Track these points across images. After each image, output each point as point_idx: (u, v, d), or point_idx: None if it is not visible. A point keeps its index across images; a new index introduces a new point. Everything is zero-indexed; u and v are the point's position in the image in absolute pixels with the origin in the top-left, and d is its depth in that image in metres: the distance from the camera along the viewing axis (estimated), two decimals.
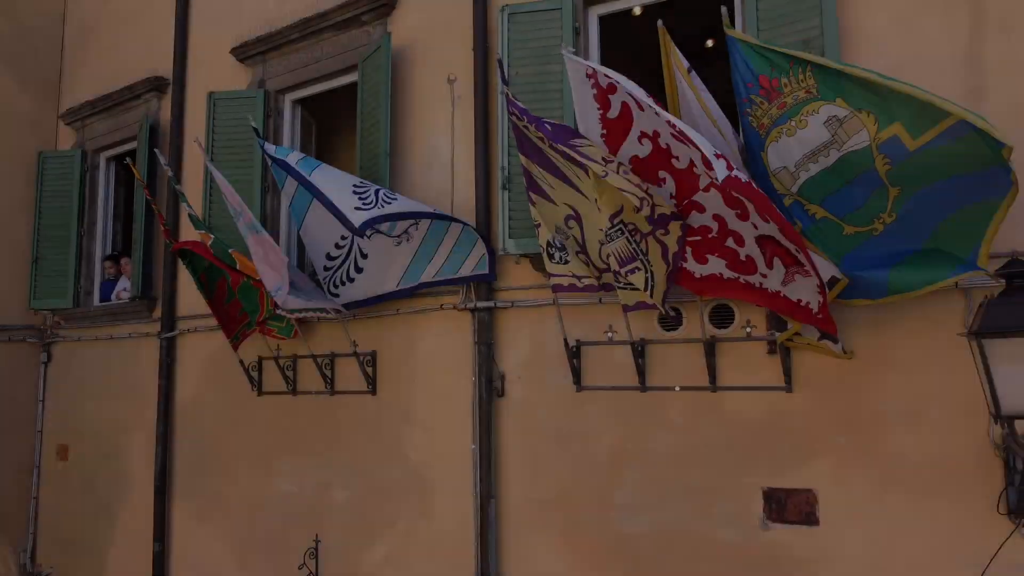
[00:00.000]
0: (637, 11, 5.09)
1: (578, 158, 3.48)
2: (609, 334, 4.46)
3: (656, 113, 3.30)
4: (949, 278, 3.28)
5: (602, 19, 4.89)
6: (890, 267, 3.33)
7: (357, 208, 4.16)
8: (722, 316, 4.21)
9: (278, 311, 5.06)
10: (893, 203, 3.28)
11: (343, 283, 5.04)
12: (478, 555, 4.73)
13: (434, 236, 4.70)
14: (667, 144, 3.39)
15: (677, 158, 3.41)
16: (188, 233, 6.14)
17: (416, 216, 4.53)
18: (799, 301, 3.58)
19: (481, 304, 4.83)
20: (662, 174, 3.52)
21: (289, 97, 6.23)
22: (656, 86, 3.73)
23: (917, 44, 3.87)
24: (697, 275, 3.87)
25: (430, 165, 5.23)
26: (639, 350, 4.36)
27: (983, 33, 3.75)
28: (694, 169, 3.42)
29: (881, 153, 3.22)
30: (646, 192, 3.48)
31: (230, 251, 4.85)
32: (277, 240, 5.77)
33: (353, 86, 5.66)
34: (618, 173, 3.49)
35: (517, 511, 4.73)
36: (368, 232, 4.31)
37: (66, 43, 8.20)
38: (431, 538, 5.03)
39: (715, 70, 4.34)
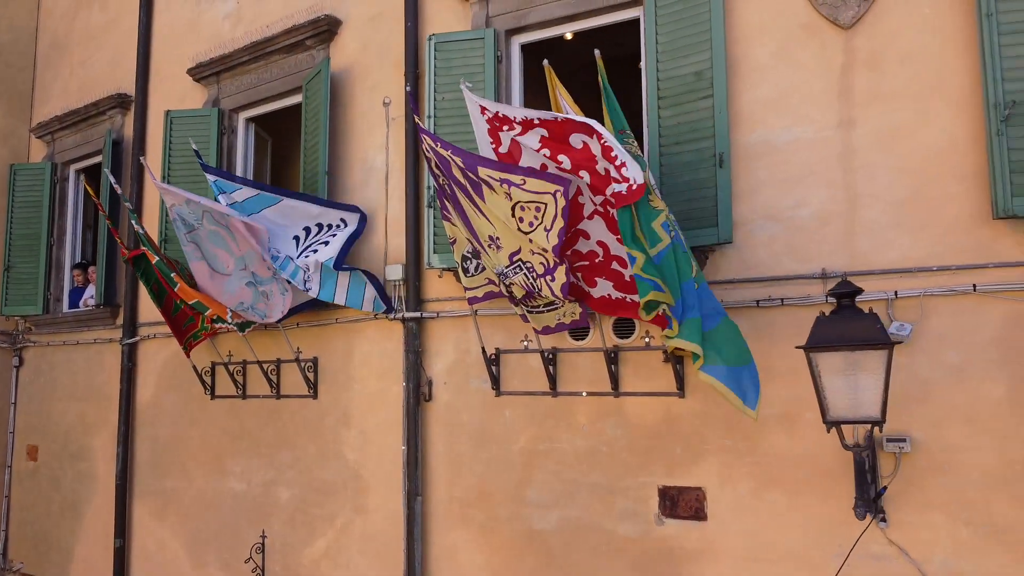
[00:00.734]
0: (569, 35, 5.40)
1: (490, 181, 3.74)
2: (525, 343, 4.78)
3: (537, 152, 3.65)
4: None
5: (524, 47, 5.21)
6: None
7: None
8: (624, 327, 4.53)
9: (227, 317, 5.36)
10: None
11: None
12: (407, 549, 5.06)
13: (327, 289, 5.04)
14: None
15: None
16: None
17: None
18: None
19: (409, 315, 5.16)
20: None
21: (242, 115, 6.54)
22: (589, 101, 4.08)
23: (796, 76, 4.21)
24: (593, 296, 4.19)
25: (366, 182, 5.56)
26: (550, 358, 4.68)
27: (853, 68, 4.08)
28: (579, 198, 3.74)
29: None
30: (554, 194, 3.69)
31: (172, 275, 5.16)
32: None
33: (301, 106, 5.98)
34: (522, 188, 3.78)
35: (441, 508, 5.05)
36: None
37: (38, 59, 8.52)
38: (365, 533, 5.36)
39: None
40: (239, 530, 6.03)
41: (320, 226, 5.31)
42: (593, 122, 3.47)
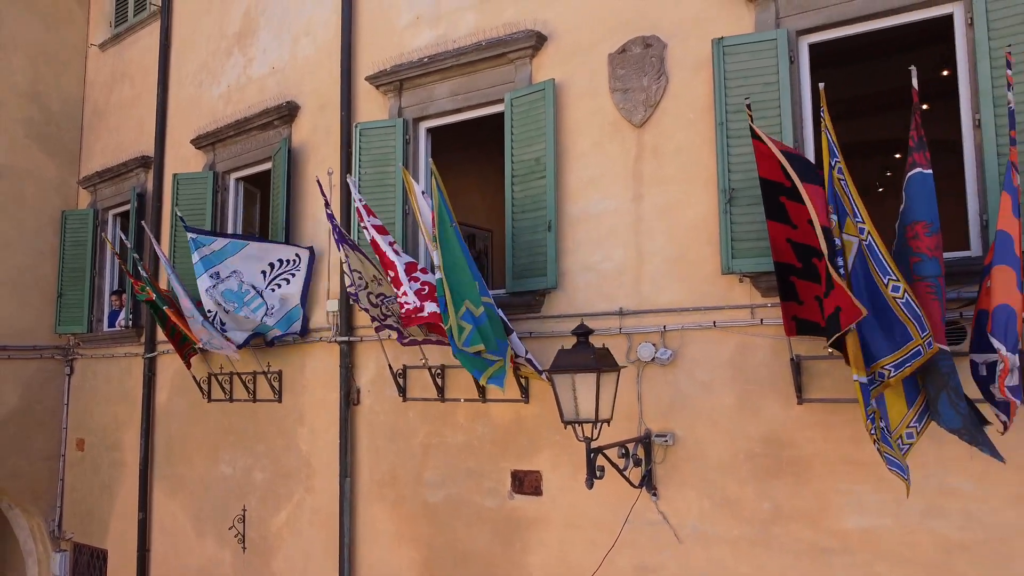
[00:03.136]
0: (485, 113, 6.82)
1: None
2: (423, 360, 6.25)
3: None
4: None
5: (430, 130, 6.68)
6: None
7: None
8: None
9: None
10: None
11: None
12: (340, 519, 6.60)
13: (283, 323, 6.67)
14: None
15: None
16: (163, 279, 8.21)
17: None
18: None
19: (341, 338, 6.70)
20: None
21: (233, 176, 8.20)
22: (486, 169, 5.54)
23: (606, 162, 5.57)
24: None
25: (315, 235, 7.13)
26: (439, 373, 6.15)
27: (643, 156, 5.43)
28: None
29: None
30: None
31: (164, 309, 6.86)
32: None
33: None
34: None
35: (365, 488, 6.58)
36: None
37: (84, 123, 10.41)
38: (313, 507, 6.92)
39: None
40: (227, 505, 7.68)
41: (281, 261, 6.92)
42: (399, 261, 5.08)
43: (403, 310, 5.19)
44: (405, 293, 5.13)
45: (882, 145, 10.27)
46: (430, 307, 5.14)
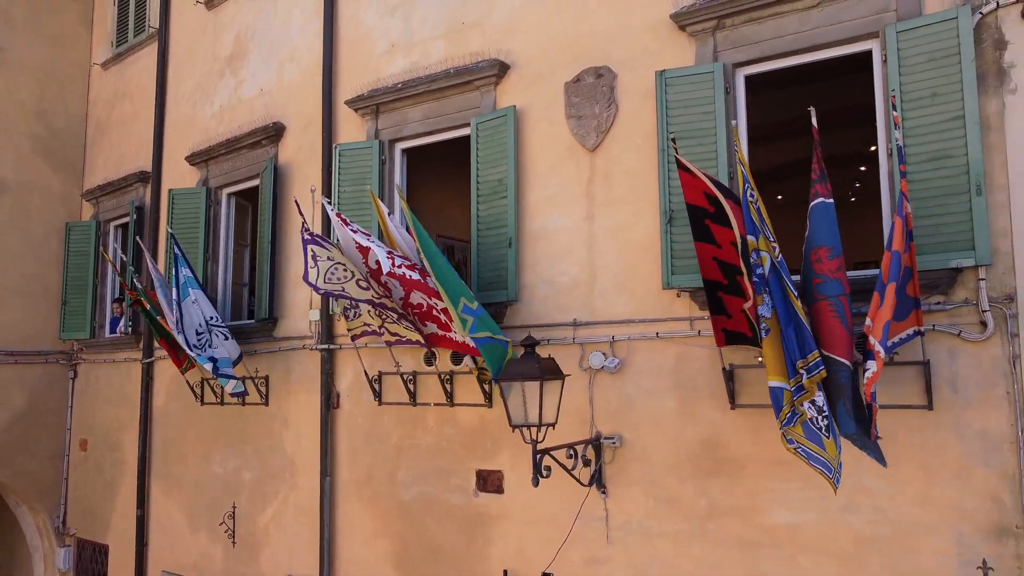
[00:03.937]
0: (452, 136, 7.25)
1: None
2: (396, 367, 6.68)
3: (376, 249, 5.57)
4: None
5: (405, 151, 7.11)
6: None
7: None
8: (458, 356, 6.38)
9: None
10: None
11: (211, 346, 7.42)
12: (321, 515, 7.05)
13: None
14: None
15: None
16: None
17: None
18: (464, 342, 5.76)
19: (322, 346, 7.15)
20: (392, 282, 5.73)
21: (225, 191, 8.66)
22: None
23: (560, 183, 5.99)
24: (426, 333, 6.08)
25: (299, 249, 7.56)
26: (411, 379, 6.58)
27: (595, 179, 5.84)
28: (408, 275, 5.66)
29: None
30: (380, 296, 5.68)
31: (158, 318, 7.33)
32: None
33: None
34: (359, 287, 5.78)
35: (343, 486, 7.02)
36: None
37: (87, 139, 10.91)
38: (297, 504, 7.37)
39: None
40: (219, 503, 8.14)
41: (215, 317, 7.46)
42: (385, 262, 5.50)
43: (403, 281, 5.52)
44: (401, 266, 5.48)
45: (853, 157, 10.65)
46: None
